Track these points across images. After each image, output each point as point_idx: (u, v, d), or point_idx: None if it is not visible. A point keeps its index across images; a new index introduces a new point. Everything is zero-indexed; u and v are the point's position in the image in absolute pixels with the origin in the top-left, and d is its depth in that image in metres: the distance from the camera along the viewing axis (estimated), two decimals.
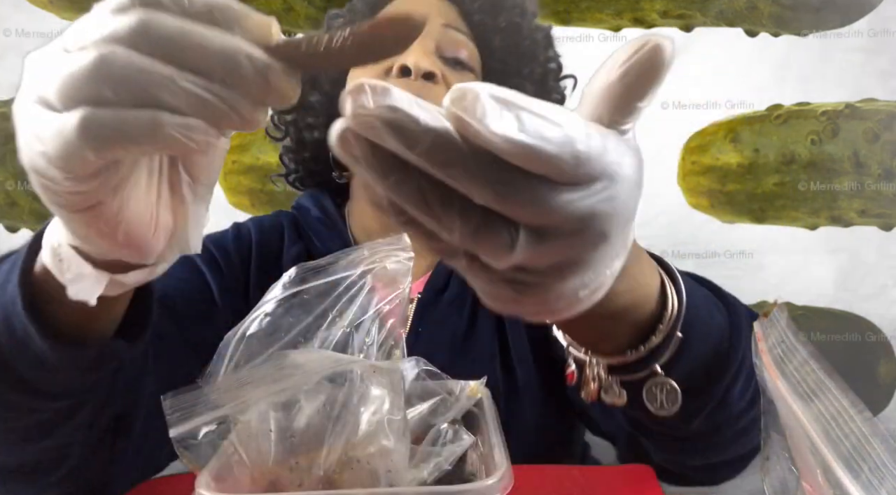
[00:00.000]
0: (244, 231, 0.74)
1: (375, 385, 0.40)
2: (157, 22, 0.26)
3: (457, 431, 0.44)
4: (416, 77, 0.64)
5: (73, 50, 0.27)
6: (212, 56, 0.26)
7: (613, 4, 1.39)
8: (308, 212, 0.76)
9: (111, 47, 0.26)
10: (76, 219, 0.30)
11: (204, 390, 0.40)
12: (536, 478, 0.48)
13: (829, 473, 0.26)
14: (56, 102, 0.27)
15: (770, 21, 1.38)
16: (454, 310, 0.70)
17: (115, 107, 0.26)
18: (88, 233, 0.31)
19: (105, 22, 0.26)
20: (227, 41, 0.26)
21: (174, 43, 0.25)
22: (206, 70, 0.26)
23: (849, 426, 0.27)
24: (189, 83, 0.26)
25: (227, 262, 0.70)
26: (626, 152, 0.27)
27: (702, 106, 1.40)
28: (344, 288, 0.46)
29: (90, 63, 0.26)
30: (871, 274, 1.40)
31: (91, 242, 0.32)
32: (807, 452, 0.28)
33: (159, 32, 0.26)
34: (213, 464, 0.38)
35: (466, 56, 0.69)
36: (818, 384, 0.29)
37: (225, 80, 0.26)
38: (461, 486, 0.36)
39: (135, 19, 0.26)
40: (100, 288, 0.33)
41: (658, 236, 1.42)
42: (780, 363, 0.31)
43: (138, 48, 0.26)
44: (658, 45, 0.25)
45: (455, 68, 0.68)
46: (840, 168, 1.37)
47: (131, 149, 0.27)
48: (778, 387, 0.30)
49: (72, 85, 0.26)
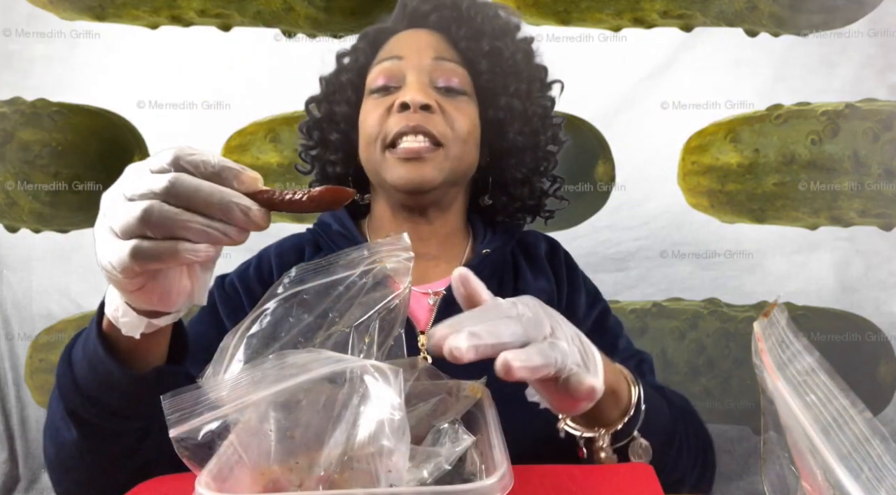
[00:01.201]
0: (265, 261, 0.82)
1: (375, 385, 0.40)
2: (181, 181, 0.42)
3: (457, 431, 0.44)
4: (415, 110, 0.73)
5: (128, 197, 0.43)
6: (214, 204, 0.43)
7: (613, 4, 1.39)
8: (329, 227, 0.83)
9: (151, 201, 0.42)
10: (127, 294, 0.48)
11: (204, 390, 0.40)
12: (536, 478, 0.48)
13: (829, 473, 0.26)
14: (119, 233, 0.44)
15: (770, 21, 1.38)
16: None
17: (152, 240, 0.43)
18: (136, 301, 0.49)
19: (148, 180, 0.43)
20: (225, 194, 0.43)
21: (191, 196, 0.42)
22: (210, 213, 0.43)
23: (849, 426, 0.27)
24: (198, 224, 0.43)
25: (251, 300, 0.76)
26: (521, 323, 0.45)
27: (702, 106, 1.40)
28: (344, 288, 0.46)
29: (139, 213, 0.42)
30: (871, 274, 1.41)
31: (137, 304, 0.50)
32: (806, 452, 0.28)
33: (182, 189, 0.42)
34: (213, 464, 0.38)
35: (458, 82, 0.77)
36: (818, 384, 0.29)
37: (222, 219, 0.43)
38: (461, 486, 0.36)
39: (167, 180, 0.42)
40: (142, 326, 0.51)
41: (658, 236, 1.43)
42: (780, 363, 0.31)
43: (168, 200, 0.42)
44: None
45: (449, 95, 0.77)
46: (840, 168, 1.37)
47: (160, 265, 0.44)
48: (778, 387, 0.30)
49: (127, 225, 0.43)
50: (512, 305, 0.47)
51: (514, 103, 0.80)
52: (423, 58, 0.77)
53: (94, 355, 0.55)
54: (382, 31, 0.83)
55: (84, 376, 0.56)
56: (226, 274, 0.82)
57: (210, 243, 0.44)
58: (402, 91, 0.75)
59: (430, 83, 0.76)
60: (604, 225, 1.42)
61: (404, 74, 0.76)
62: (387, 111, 0.75)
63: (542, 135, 0.84)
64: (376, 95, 0.77)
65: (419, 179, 0.73)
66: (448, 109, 0.75)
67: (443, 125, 0.74)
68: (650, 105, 1.40)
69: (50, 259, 1.38)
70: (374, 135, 0.75)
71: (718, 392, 1.44)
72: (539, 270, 0.84)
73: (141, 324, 0.50)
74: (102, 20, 1.38)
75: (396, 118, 0.73)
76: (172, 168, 0.43)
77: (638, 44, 1.40)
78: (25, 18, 1.37)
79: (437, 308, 0.76)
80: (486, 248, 0.82)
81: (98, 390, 0.56)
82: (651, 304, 1.44)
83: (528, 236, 0.89)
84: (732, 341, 1.42)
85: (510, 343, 0.43)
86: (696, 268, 1.42)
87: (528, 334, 0.45)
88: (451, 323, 0.43)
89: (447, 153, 0.74)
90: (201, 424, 0.38)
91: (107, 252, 0.44)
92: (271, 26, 1.40)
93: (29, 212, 1.40)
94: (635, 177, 1.42)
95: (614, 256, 1.43)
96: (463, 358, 0.41)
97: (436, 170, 0.74)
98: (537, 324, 0.46)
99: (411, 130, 0.72)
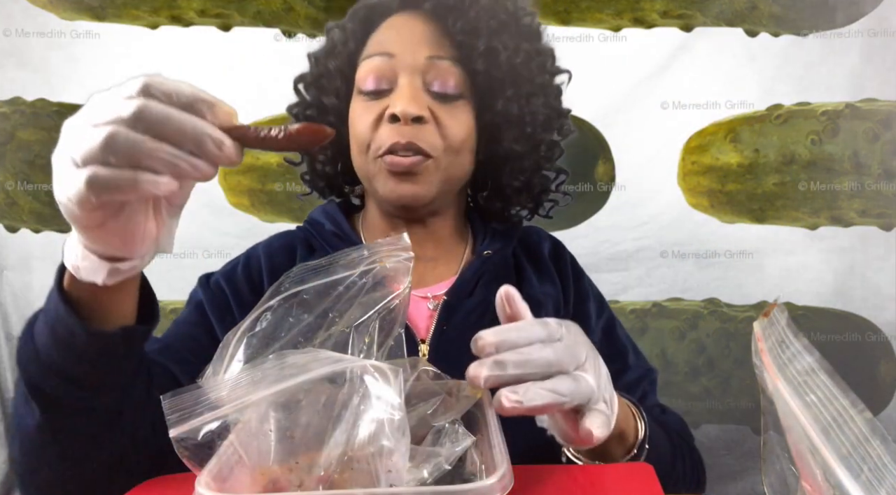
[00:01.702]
0: (254, 260, 0.77)
1: (375, 385, 0.40)
2: (150, 108, 0.39)
3: (457, 431, 0.44)
4: (406, 122, 0.68)
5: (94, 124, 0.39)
6: (186, 134, 0.40)
7: (613, 4, 1.39)
8: (322, 226, 0.79)
9: (117, 127, 0.39)
10: (88, 233, 0.44)
11: (204, 390, 0.40)
12: (536, 478, 0.48)
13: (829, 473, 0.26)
14: (79, 161, 0.40)
15: (770, 21, 1.38)
16: (478, 315, 0.72)
17: (113, 168, 0.39)
18: (96, 242, 0.45)
19: (116, 106, 0.39)
20: (198, 124, 0.40)
21: (162, 124, 0.39)
22: (181, 144, 0.40)
23: (848, 426, 0.27)
24: (166, 154, 0.39)
25: (240, 303, 0.73)
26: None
27: (702, 106, 1.40)
28: (344, 288, 0.46)
29: (102, 138, 0.39)
30: (871, 274, 1.41)
31: (98, 246, 0.45)
32: (806, 452, 0.28)
33: (152, 116, 0.39)
34: (213, 464, 0.38)
35: (454, 86, 0.71)
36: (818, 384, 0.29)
37: (193, 151, 0.40)
38: (461, 486, 0.36)
39: (135, 106, 0.39)
40: (103, 271, 0.45)
41: (658, 236, 1.43)
42: (779, 363, 0.31)
43: (135, 127, 0.39)
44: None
45: (444, 101, 0.71)
46: (840, 168, 1.37)
47: (119, 196, 0.40)
48: (778, 388, 0.30)
49: (89, 151, 0.39)
50: (557, 328, 0.47)
51: (512, 107, 0.74)
52: (417, 56, 0.71)
53: (56, 317, 0.50)
54: (374, 10, 0.76)
55: (45, 343, 0.51)
56: (211, 273, 0.78)
57: (176, 177, 0.40)
58: (394, 96, 0.70)
59: (424, 86, 0.71)
60: (604, 225, 1.42)
61: (396, 75, 0.71)
62: (377, 119, 0.71)
63: (545, 135, 0.78)
64: (366, 97, 0.72)
65: (410, 196, 0.70)
66: (441, 117, 0.70)
67: (435, 136, 0.70)
68: (650, 105, 1.40)
69: (50, 259, 1.38)
70: (364, 142, 0.71)
71: (718, 392, 1.44)
72: (544, 273, 0.80)
73: (102, 268, 0.45)
74: (102, 20, 1.38)
75: (387, 130, 0.69)
76: (142, 96, 0.39)
77: (638, 44, 1.40)
78: (25, 18, 1.37)
79: (438, 314, 0.72)
80: (486, 250, 0.78)
81: (61, 356, 0.50)
82: (651, 304, 1.44)
83: (530, 235, 0.84)
84: (732, 341, 1.42)
85: (533, 374, 0.44)
86: (696, 268, 1.42)
87: (559, 364, 0.45)
88: (496, 340, 0.45)
89: (438, 164, 0.70)
90: (201, 424, 0.38)
91: (63, 182, 0.41)
92: (271, 26, 1.41)
93: (29, 212, 1.41)
94: (635, 177, 1.42)
95: (614, 256, 1.43)
96: (481, 386, 0.44)
97: (427, 184, 0.70)
98: (572, 355, 0.46)
99: (402, 148, 0.68)
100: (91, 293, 0.48)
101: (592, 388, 0.46)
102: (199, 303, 0.74)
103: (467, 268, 0.76)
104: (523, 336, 0.45)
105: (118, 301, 0.51)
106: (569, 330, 0.48)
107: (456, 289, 0.74)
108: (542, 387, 0.44)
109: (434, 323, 0.72)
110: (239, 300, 0.73)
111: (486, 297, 0.73)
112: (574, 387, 0.45)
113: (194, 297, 0.75)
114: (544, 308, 0.75)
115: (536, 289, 0.77)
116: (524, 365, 0.44)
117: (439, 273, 0.77)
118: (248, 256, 0.79)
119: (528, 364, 0.44)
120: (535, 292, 0.76)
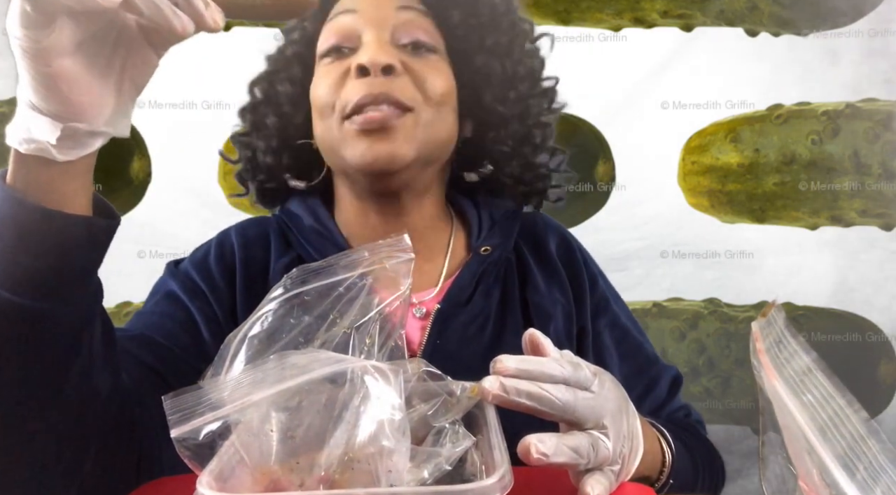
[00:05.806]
0: (227, 248, 0.70)
1: (376, 385, 0.40)
2: None
3: (457, 432, 0.44)
4: (376, 74, 0.60)
5: None
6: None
7: (613, 4, 1.39)
8: (300, 220, 0.70)
9: None
10: (40, 79, 0.38)
11: (205, 390, 0.40)
12: (536, 478, 0.48)
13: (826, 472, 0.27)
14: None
15: (770, 21, 1.38)
16: (477, 327, 0.65)
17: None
18: (49, 90, 0.39)
19: None
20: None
21: None
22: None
23: (845, 426, 0.27)
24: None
25: (212, 288, 0.66)
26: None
27: (702, 106, 1.40)
28: (344, 288, 0.46)
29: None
30: (872, 274, 1.41)
31: (50, 99, 0.39)
32: (803, 452, 0.28)
33: None
34: (214, 464, 0.38)
35: (425, 37, 0.64)
36: (815, 384, 0.30)
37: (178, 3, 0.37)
38: (461, 486, 0.37)
39: None
40: (56, 131, 0.40)
41: (658, 236, 1.43)
42: (777, 363, 0.31)
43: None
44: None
45: (415, 54, 0.64)
46: (840, 168, 1.37)
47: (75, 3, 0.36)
48: (775, 388, 0.31)
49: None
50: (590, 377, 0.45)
51: (493, 63, 0.67)
52: (383, 8, 0.63)
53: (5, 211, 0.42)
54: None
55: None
56: (179, 260, 0.71)
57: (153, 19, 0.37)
58: (359, 52, 0.62)
59: (393, 41, 0.63)
60: (604, 225, 1.42)
61: (359, 32, 0.63)
62: (342, 77, 0.62)
63: (532, 99, 0.70)
64: (328, 60, 0.64)
65: (387, 155, 0.60)
66: (416, 69, 0.62)
67: (411, 88, 0.61)
68: (650, 105, 1.40)
69: None
70: (327, 105, 0.62)
71: (718, 392, 1.44)
72: (552, 275, 0.70)
73: (55, 128, 0.40)
74: None
75: (354, 85, 0.60)
76: None
77: (638, 44, 1.40)
78: None
79: (430, 326, 0.64)
80: (484, 246, 0.68)
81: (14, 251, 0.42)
82: (651, 304, 1.44)
83: (535, 225, 0.74)
84: (733, 341, 1.42)
85: (544, 413, 0.43)
86: (696, 268, 1.42)
87: (574, 413, 0.43)
88: (515, 368, 0.43)
89: (417, 118, 0.61)
90: (202, 424, 0.38)
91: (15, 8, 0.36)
92: (272, 26, 1.41)
93: None
94: (635, 177, 1.42)
95: (614, 256, 1.43)
96: (488, 401, 0.43)
97: (406, 141, 0.60)
98: (595, 413, 0.44)
99: (373, 100, 0.59)
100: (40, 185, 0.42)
101: (607, 456, 0.44)
102: (170, 292, 0.66)
103: (464, 271, 0.68)
104: (546, 372, 0.43)
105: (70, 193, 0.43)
106: (602, 383, 0.45)
107: (451, 295, 0.66)
108: (567, 445, 0.42)
109: (426, 335, 0.64)
110: (210, 284, 0.66)
111: (486, 307, 0.67)
112: (591, 454, 0.43)
113: (163, 287, 0.67)
114: (553, 321, 0.67)
115: (544, 294, 0.68)
116: (538, 400, 0.42)
117: (424, 273, 0.68)
118: (220, 242, 0.71)
119: (542, 401, 0.42)
120: (543, 300, 0.68)
